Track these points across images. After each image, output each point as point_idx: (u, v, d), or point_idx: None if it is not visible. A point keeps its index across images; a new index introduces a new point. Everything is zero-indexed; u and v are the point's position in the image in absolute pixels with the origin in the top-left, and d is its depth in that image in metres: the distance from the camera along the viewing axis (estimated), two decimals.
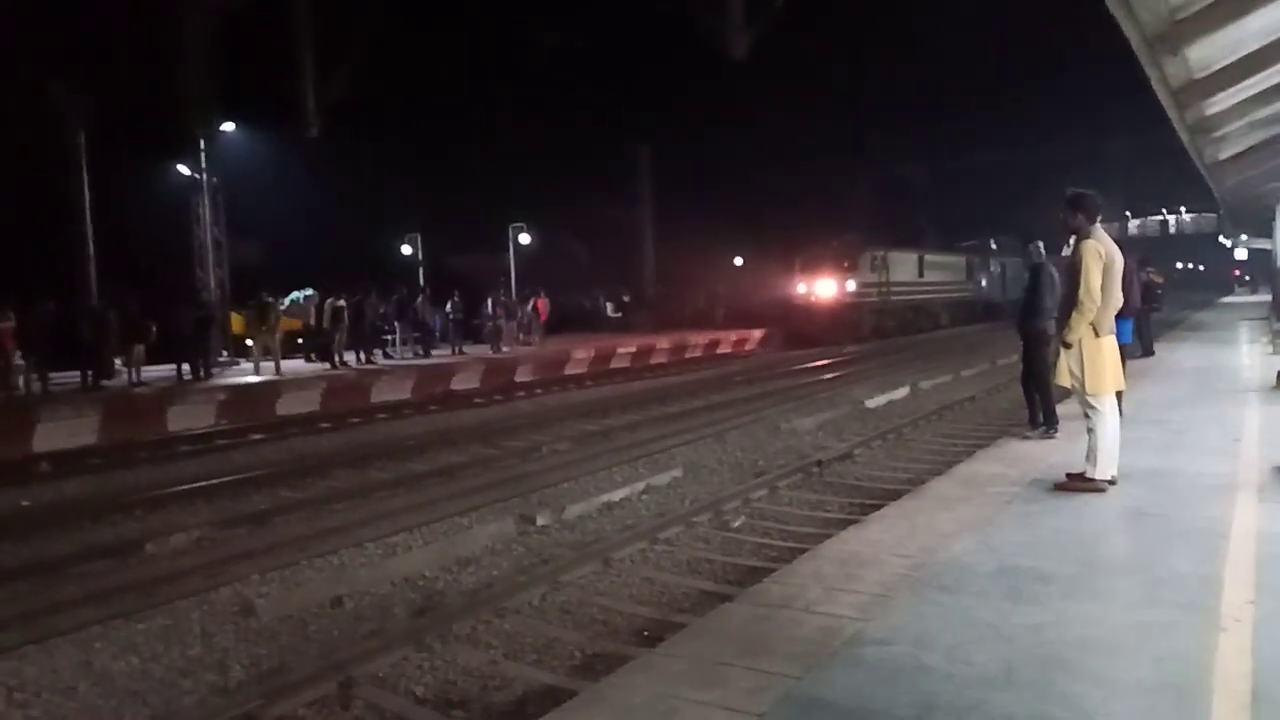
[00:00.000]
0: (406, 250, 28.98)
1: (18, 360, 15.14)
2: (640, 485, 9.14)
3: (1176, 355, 15.92)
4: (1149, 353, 15.01)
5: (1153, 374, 12.74)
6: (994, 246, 43.88)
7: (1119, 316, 8.16)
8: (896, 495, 6.89)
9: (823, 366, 22.06)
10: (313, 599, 6.14)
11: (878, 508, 6.17)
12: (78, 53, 21.79)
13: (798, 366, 22.57)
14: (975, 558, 4.49)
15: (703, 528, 7.61)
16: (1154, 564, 4.40)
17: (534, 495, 8.88)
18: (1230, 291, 59.01)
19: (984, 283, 41.38)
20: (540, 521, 7.87)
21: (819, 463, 9.82)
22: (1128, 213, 59.33)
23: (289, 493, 9.64)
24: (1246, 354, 16.08)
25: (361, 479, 10.18)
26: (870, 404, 14.48)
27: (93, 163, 19.86)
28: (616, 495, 8.79)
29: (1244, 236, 29.91)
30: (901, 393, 15.66)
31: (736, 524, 7.73)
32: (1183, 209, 59.67)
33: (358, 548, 7.29)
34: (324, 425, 14.77)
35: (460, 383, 19.91)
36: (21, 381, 15.24)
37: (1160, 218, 61.48)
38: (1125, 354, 8.98)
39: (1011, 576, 4.19)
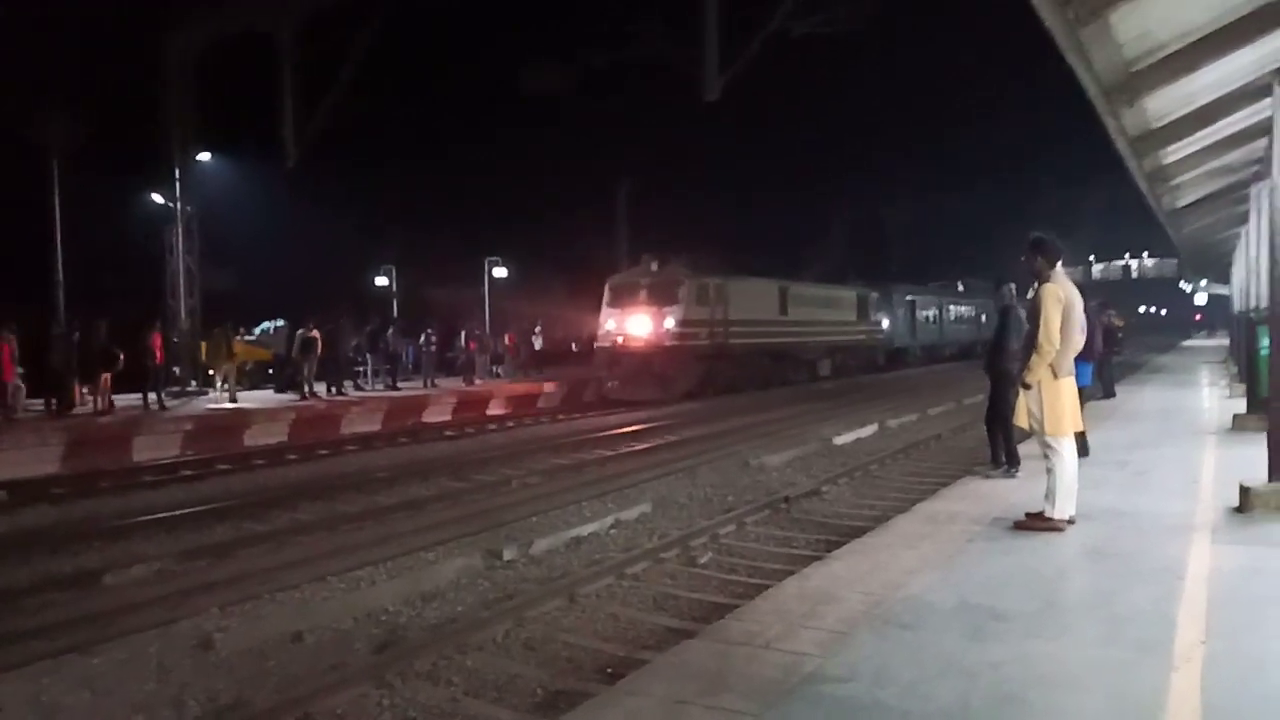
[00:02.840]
0: (381, 281, 28.94)
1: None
2: (609, 520, 9.12)
3: (1138, 397, 16.22)
4: (1110, 394, 15.28)
5: (1115, 416, 12.97)
6: (960, 288, 44.52)
7: (1080, 359, 8.39)
8: (863, 532, 6.94)
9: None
10: (273, 633, 6.04)
11: (844, 544, 6.22)
12: (54, 79, 21.72)
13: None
14: (936, 595, 4.54)
15: (670, 563, 7.60)
16: (1111, 602, 4.47)
17: (502, 530, 8.83)
18: (1190, 335, 60.26)
19: (884, 324, 35.40)
20: (507, 556, 7.82)
21: (786, 499, 9.86)
22: (1091, 257, 60.67)
23: (253, 524, 9.50)
24: (1206, 396, 16.41)
25: (328, 511, 10.06)
26: (838, 441, 14.59)
27: (65, 189, 19.70)
28: (585, 530, 8.76)
29: (1204, 282, 30.64)
30: (869, 430, 15.81)
31: (704, 560, 7.72)
32: (1145, 254, 61.15)
33: (321, 581, 7.19)
34: (291, 457, 14.62)
35: (431, 415, 19.82)
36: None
37: (1123, 262, 62.93)
38: (1086, 396, 9.15)
39: (972, 614, 4.24)
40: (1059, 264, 5.88)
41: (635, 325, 23.00)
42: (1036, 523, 5.93)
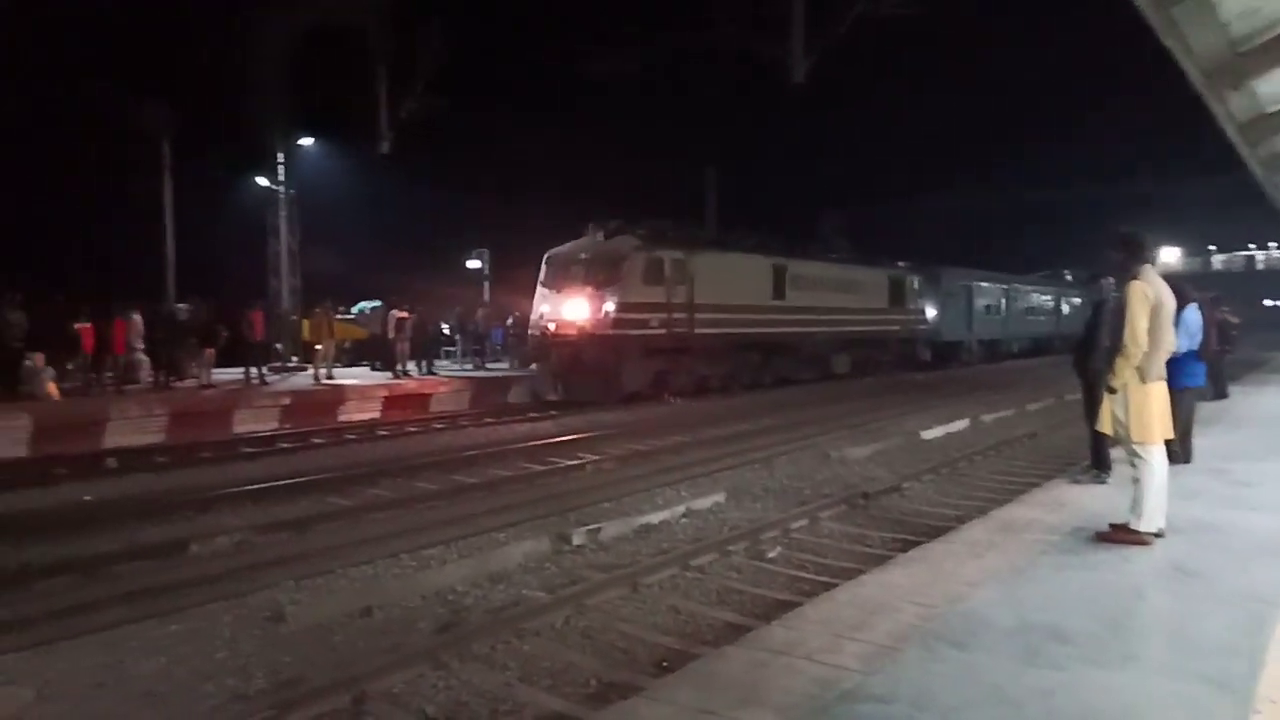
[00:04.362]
0: (474, 264, 29.50)
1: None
2: (681, 508, 9.06)
3: (1252, 400, 15.16)
4: (1222, 395, 14.34)
5: (1224, 420, 12.15)
6: (1069, 278, 41.84)
7: (1194, 358, 7.89)
8: (941, 533, 6.70)
9: None
10: (342, 608, 6.20)
11: (921, 545, 6.00)
12: (166, 68, 22.87)
13: None
14: (996, 611, 4.31)
15: (737, 557, 7.51)
16: (1190, 629, 4.16)
17: (573, 514, 8.88)
18: None
19: (929, 313, 30.68)
20: (575, 541, 7.85)
21: (865, 494, 9.62)
22: (1213, 247, 57.02)
23: (336, 499, 9.82)
24: None
25: (407, 489, 10.32)
26: (926, 435, 14.15)
27: (176, 174, 20.76)
28: (656, 517, 8.73)
29: None
30: (960, 425, 15.27)
31: (772, 554, 7.60)
32: (1272, 244, 57.08)
33: (393, 558, 7.36)
34: (381, 433, 15.07)
35: (516, 396, 20.11)
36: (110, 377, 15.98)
37: (1247, 253, 58.85)
38: (1197, 396, 8.61)
39: (1030, 634, 4.01)
40: (1149, 261, 5.49)
41: (570, 309, 18.61)
42: (1120, 535, 5.59)
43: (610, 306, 18.23)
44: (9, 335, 13.99)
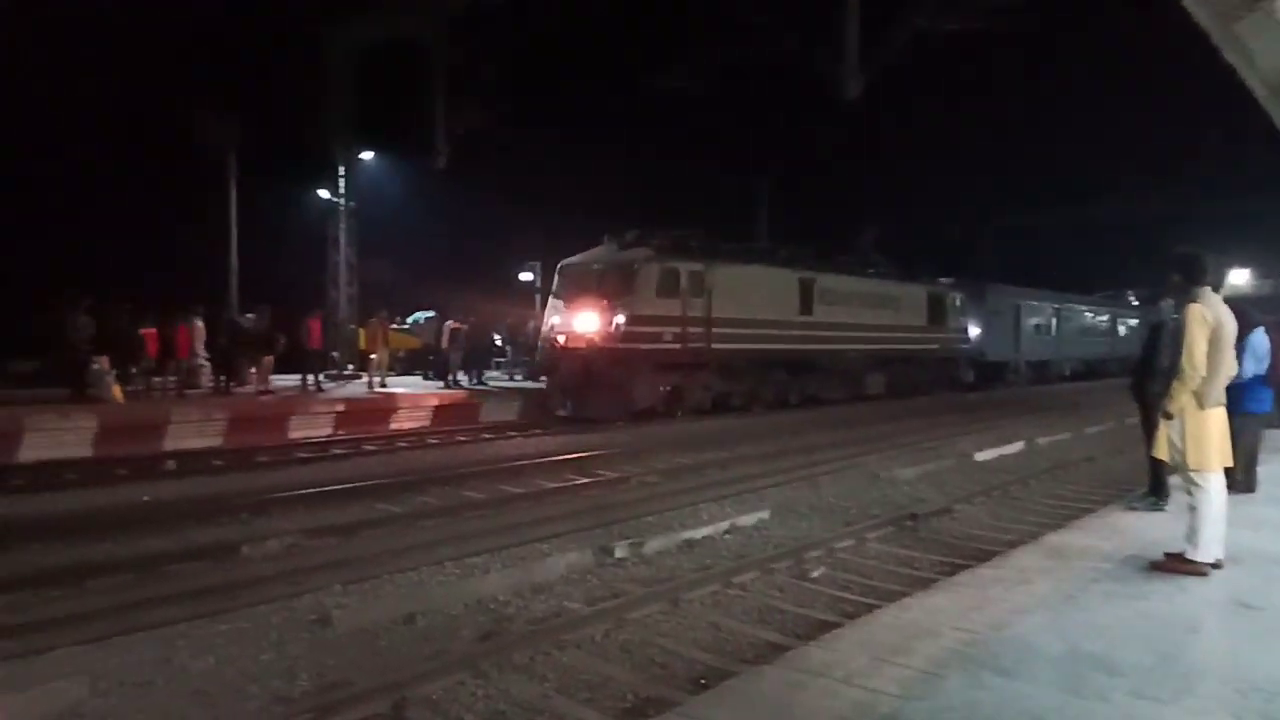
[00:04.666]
0: (526, 277, 29.78)
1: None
2: (725, 524, 9.02)
3: None
4: None
5: None
6: (1133, 300, 40.42)
7: (1262, 383, 7.62)
8: (991, 557, 6.56)
9: None
10: (387, 614, 6.29)
11: (968, 569, 5.87)
12: (230, 86, 23.63)
13: None
14: (1043, 639, 4.20)
15: (780, 575, 7.44)
16: (1246, 665, 4.01)
17: (616, 527, 8.89)
18: None
19: (972, 331, 29.37)
20: (618, 554, 7.86)
21: (913, 516, 9.46)
22: None
23: (385, 505, 9.98)
24: None
25: (454, 497, 10.45)
26: (979, 457, 13.88)
27: (241, 187, 21.41)
28: (699, 533, 8.70)
29: None
30: (1015, 448, 14.96)
31: (816, 574, 7.51)
32: None
33: (438, 566, 7.43)
34: (431, 441, 15.28)
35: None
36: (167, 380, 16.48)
37: None
38: (1264, 424, 8.31)
39: (1078, 664, 3.90)
40: (1209, 283, 5.33)
41: (581, 322, 18.01)
42: (1175, 564, 5.41)
43: (621, 319, 17.57)
44: (77, 339, 14.50)
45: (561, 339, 18.36)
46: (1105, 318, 40.76)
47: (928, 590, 5.24)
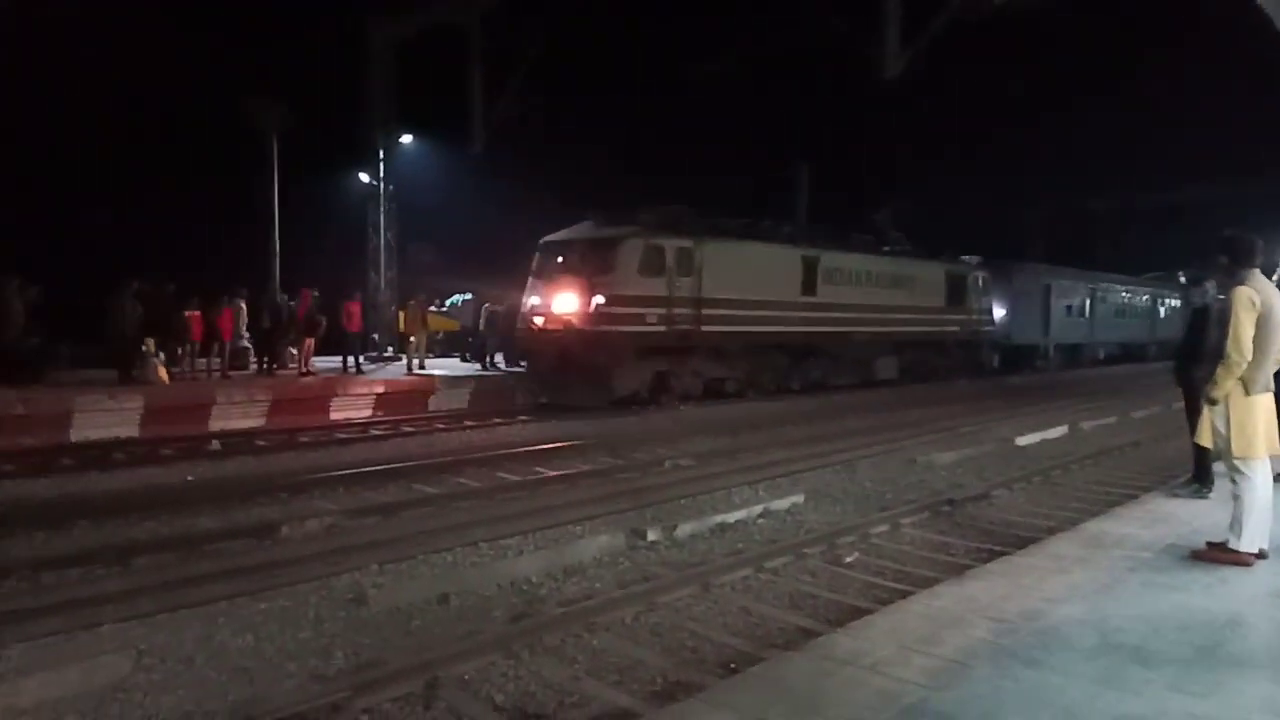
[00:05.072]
0: None
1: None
2: (758, 508, 9.00)
3: None
4: None
5: None
6: (1182, 280, 38.95)
7: None
8: (1028, 544, 6.46)
9: None
10: (422, 594, 6.37)
11: (1003, 557, 5.79)
12: (273, 72, 23.89)
13: None
14: (1076, 630, 4.13)
15: (813, 560, 7.41)
16: None
17: (649, 510, 8.91)
18: None
19: (997, 313, 27.94)
20: (650, 537, 7.88)
21: (950, 501, 9.36)
22: None
23: (421, 486, 10.11)
24: None
25: (490, 479, 10.54)
26: (1021, 442, 13.68)
27: (283, 170, 21.70)
28: (732, 517, 8.69)
29: None
30: (1058, 432, 14.72)
31: (850, 559, 7.47)
32: None
33: (472, 547, 7.51)
34: (468, 423, 15.40)
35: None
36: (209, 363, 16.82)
37: None
38: None
39: (1112, 656, 3.83)
40: (1258, 265, 5.16)
41: (559, 302, 16.86)
42: (1217, 554, 5.29)
43: (600, 299, 16.37)
44: (126, 323, 14.84)
45: (539, 321, 17.27)
46: (1145, 299, 39.07)
47: (961, 578, 5.18)
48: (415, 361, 19.61)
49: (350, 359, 18.55)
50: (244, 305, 17.59)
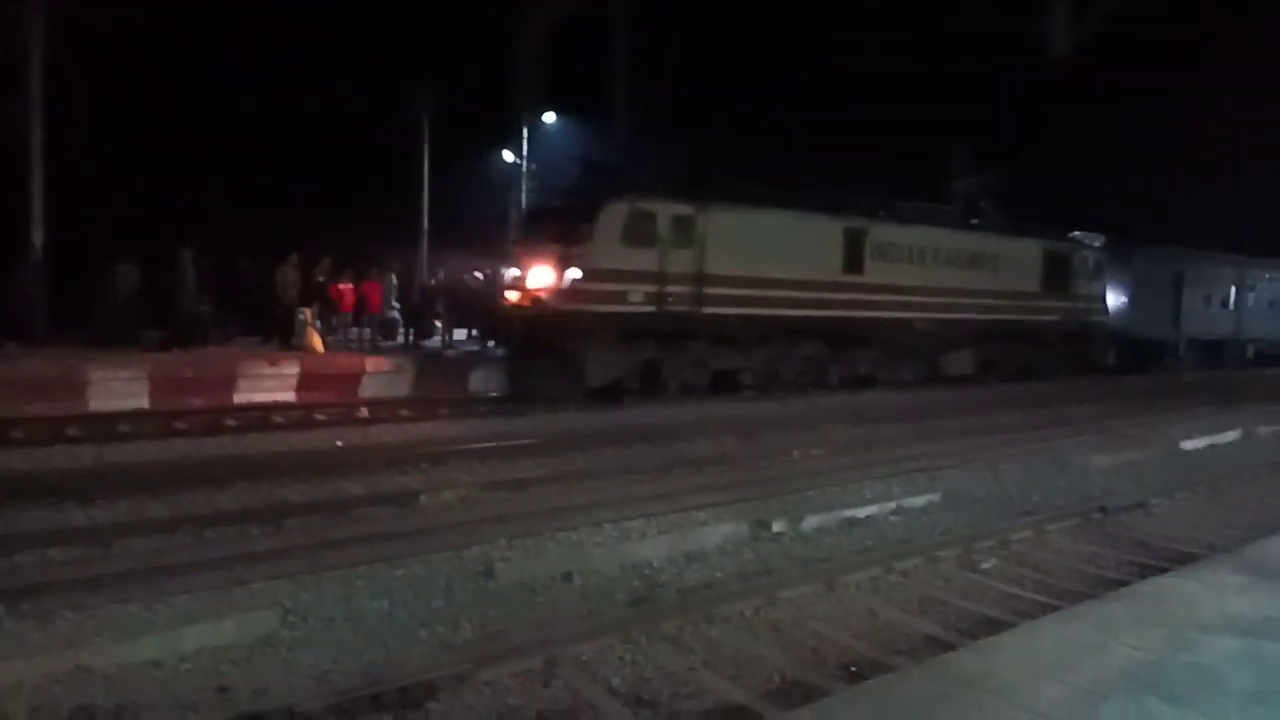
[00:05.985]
0: None
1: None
2: (891, 505, 8.74)
3: None
4: None
5: None
6: None
7: None
8: (1186, 563, 6.01)
9: None
10: (547, 570, 6.52)
11: (1163, 572, 5.39)
12: (425, 57, 24.76)
13: None
14: (1231, 668, 3.78)
15: (946, 564, 7.13)
16: None
17: (774, 500, 8.78)
18: None
19: (1109, 299, 23.99)
20: (775, 528, 7.79)
21: (1103, 509, 8.80)
22: None
23: (554, 462, 10.28)
24: None
25: (620, 460, 10.64)
26: (1186, 446, 12.71)
27: (433, 149, 22.56)
28: (862, 512, 8.48)
29: None
30: (1230, 436, 13.58)
31: (987, 565, 7.16)
32: None
33: (597, 527, 7.58)
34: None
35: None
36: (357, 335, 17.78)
37: None
38: None
39: (1271, 704, 3.48)
40: None
41: (533, 276, 14.45)
42: None
43: (576, 273, 13.99)
44: (285, 294, 15.85)
45: (512, 296, 14.95)
46: None
47: (1103, 598, 4.85)
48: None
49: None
50: (394, 279, 18.43)
